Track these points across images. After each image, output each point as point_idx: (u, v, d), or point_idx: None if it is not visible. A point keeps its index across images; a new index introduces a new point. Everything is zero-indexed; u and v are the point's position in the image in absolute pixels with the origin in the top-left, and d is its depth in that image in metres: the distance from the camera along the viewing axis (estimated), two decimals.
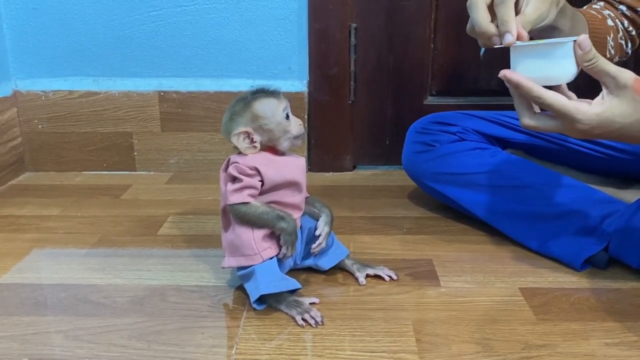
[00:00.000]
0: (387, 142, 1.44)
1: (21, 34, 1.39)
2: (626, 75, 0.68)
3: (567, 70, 0.70)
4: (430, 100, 1.43)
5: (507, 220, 1.01)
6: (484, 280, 0.89)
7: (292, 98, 0.83)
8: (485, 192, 1.04)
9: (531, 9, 0.75)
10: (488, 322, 0.78)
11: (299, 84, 1.41)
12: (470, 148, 1.08)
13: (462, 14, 1.30)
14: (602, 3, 1.01)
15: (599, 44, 0.95)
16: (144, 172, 1.46)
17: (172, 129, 1.43)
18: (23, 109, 1.42)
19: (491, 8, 0.75)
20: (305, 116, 1.41)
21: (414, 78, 1.41)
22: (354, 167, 1.48)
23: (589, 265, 0.92)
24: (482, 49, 0.79)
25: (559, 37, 0.83)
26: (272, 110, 0.80)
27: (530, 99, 0.72)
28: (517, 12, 0.74)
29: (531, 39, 0.75)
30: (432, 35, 1.38)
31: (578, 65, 0.70)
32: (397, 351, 0.71)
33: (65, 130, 1.43)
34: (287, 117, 0.81)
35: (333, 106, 1.41)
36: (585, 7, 1.01)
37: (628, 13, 0.99)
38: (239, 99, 0.82)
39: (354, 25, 1.36)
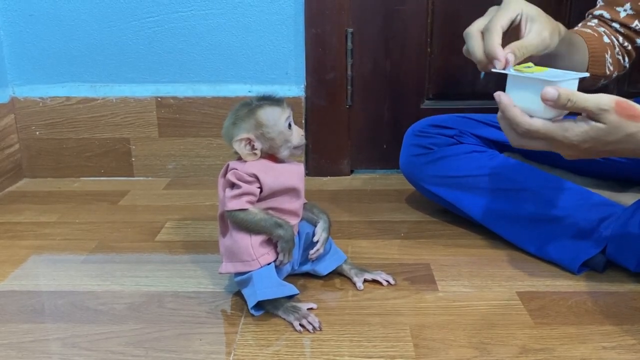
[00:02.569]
0: (385, 146, 1.45)
1: (18, 41, 1.39)
2: (606, 100, 0.69)
3: (547, 111, 0.71)
4: (427, 104, 1.43)
5: (505, 223, 1.01)
6: (481, 285, 0.89)
7: (289, 103, 0.83)
8: (482, 195, 1.04)
9: (533, 36, 0.76)
10: (485, 326, 0.78)
11: (296, 89, 1.41)
12: (467, 151, 1.08)
13: (458, 18, 1.31)
14: (595, 20, 1.02)
15: (598, 62, 0.96)
16: (141, 178, 1.46)
17: (169, 135, 1.43)
18: (20, 116, 1.42)
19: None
20: (303, 121, 1.41)
21: (410, 82, 1.41)
22: (352, 172, 1.48)
23: (586, 268, 0.92)
24: (482, 73, 0.80)
25: (558, 62, 0.84)
26: (275, 119, 0.80)
27: (514, 125, 0.73)
28: (519, 38, 0.76)
29: (536, 64, 0.76)
30: (429, 40, 1.39)
31: None
32: (394, 356, 0.71)
33: (62, 137, 1.44)
34: (290, 126, 0.81)
35: (330, 111, 1.41)
36: (579, 25, 1.02)
37: (622, 30, 1.00)
38: (244, 103, 0.82)
39: (350, 30, 1.37)
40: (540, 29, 0.77)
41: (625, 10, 0.99)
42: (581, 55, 0.95)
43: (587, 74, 0.74)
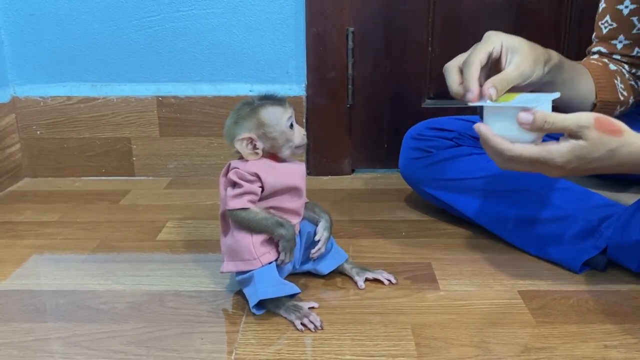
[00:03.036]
0: (386, 146, 1.45)
1: (19, 40, 1.39)
2: (585, 117, 0.70)
3: (527, 135, 0.72)
4: (428, 103, 1.43)
5: (505, 224, 1.01)
6: (483, 283, 0.89)
7: (290, 102, 0.83)
8: (482, 198, 1.04)
9: (512, 68, 0.77)
10: (487, 325, 0.78)
11: (297, 88, 1.41)
12: (466, 153, 1.08)
13: (460, 18, 1.31)
14: (596, 56, 1.03)
15: (607, 89, 0.96)
16: (142, 177, 1.46)
17: (170, 134, 1.43)
18: (21, 115, 1.43)
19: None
20: (304, 120, 1.41)
21: (411, 81, 1.41)
22: (353, 171, 1.48)
23: (587, 267, 0.92)
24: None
25: (563, 91, 0.84)
26: (277, 119, 0.80)
27: (498, 153, 0.74)
28: (500, 70, 0.77)
29: (532, 91, 0.78)
30: (430, 39, 1.39)
31: None
32: (396, 355, 0.71)
33: (63, 136, 1.44)
34: (292, 126, 0.81)
35: (331, 110, 1.41)
36: (583, 60, 1.02)
37: (624, 60, 1.01)
38: (246, 102, 0.82)
39: (351, 29, 1.36)
40: (521, 61, 0.78)
41: (620, 42, 1.00)
42: (585, 83, 0.94)
43: (558, 94, 0.75)
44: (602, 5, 1.02)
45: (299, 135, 0.82)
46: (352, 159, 1.46)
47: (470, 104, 0.76)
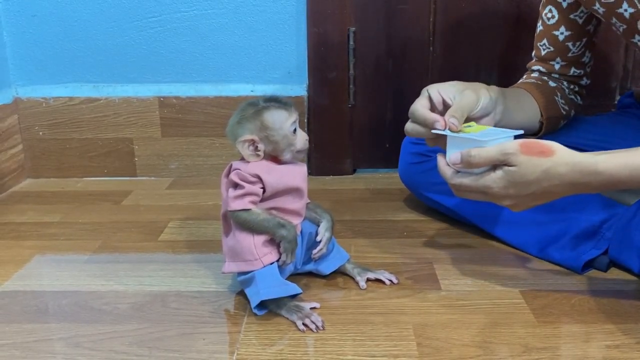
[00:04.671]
0: (387, 145, 1.45)
1: (21, 41, 1.40)
2: (509, 144, 0.73)
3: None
4: None
5: (506, 227, 1.01)
6: (484, 283, 0.89)
7: (295, 107, 0.83)
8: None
9: (460, 97, 0.82)
10: (489, 325, 0.78)
11: (299, 88, 1.41)
12: None
13: (461, 17, 1.31)
14: (536, 74, 1.07)
15: (550, 105, 1.01)
16: (144, 178, 1.46)
17: (172, 135, 1.43)
18: (24, 116, 1.43)
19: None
20: (305, 120, 1.41)
21: (413, 81, 1.41)
22: (354, 171, 1.48)
23: (590, 268, 0.92)
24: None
25: (513, 117, 0.91)
26: (280, 123, 0.80)
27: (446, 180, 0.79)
28: (449, 106, 0.81)
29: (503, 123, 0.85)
30: (431, 38, 1.38)
31: None
32: (398, 355, 0.71)
33: (66, 137, 1.44)
34: (295, 131, 0.81)
35: (333, 110, 1.41)
36: (523, 78, 1.08)
37: (562, 78, 1.06)
38: (250, 103, 0.82)
39: (352, 29, 1.36)
40: (463, 90, 0.82)
41: (558, 63, 1.05)
42: (530, 105, 0.99)
43: (521, 131, 0.78)
44: (539, 27, 1.06)
45: (302, 140, 0.82)
46: (354, 159, 1.46)
47: (434, 132, 0.79)
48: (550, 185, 0.72)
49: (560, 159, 0.71)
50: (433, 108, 0.83)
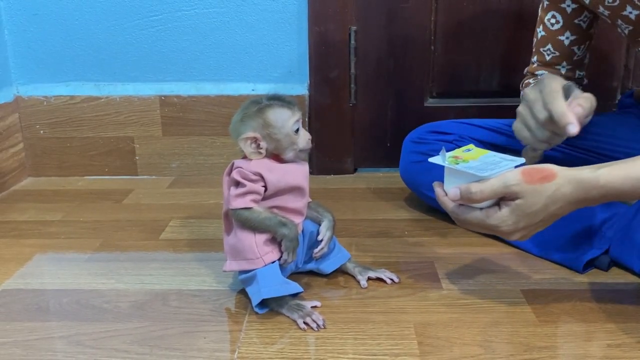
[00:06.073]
0: (388, 145, 1.44)
1: (22, 40, 1.40)
2: (511, 176, 0.71)
3: None
4: (430, 102, 1.43)
5: None
6: (485, 283, 0.89)
7: (298, 106, 0.83)
8: None
9: (581, 100, 0.83)
10: (490, 324, 0.78)
11: (300, 87, 1.41)
12: None
13: (462, 16, 1.31)
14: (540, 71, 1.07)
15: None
16: (145, 177, 1.46)
17: (173, 133, 1.43)
18: (25, 115, 1.43)
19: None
20: (307, 119, 1.41)
21: (414, 80, 1.41)
22: (355, 170, 1.48)
23: (591, 267, 0.92)
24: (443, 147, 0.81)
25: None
26: (283, 121, 0.80)
27: (449, 213, 0.77)
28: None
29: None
30: (432, 37, 1.38)
31: None
32: (399, 354, 0.71)
33: (66, 136, 1.44)
34: (297, 130, 0.81)
35: (334, 109, 1.41)
36: (527, 79, 1.08)
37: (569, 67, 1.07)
38: (254, 101, 0.82)
39: (353, 28, 1.36)
40: (587, 96, 0.85)
41: (564, 67, 1.05)
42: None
43: (523, 160, 0.76)
44: (540, 32, 1.06)
45: (304, 139, 0.82)
46: (355, 158, 1.46)
47: (430, 160, 0.77)
48: (556, 208, 0.72)
49: (563, 179, 0.70)
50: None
